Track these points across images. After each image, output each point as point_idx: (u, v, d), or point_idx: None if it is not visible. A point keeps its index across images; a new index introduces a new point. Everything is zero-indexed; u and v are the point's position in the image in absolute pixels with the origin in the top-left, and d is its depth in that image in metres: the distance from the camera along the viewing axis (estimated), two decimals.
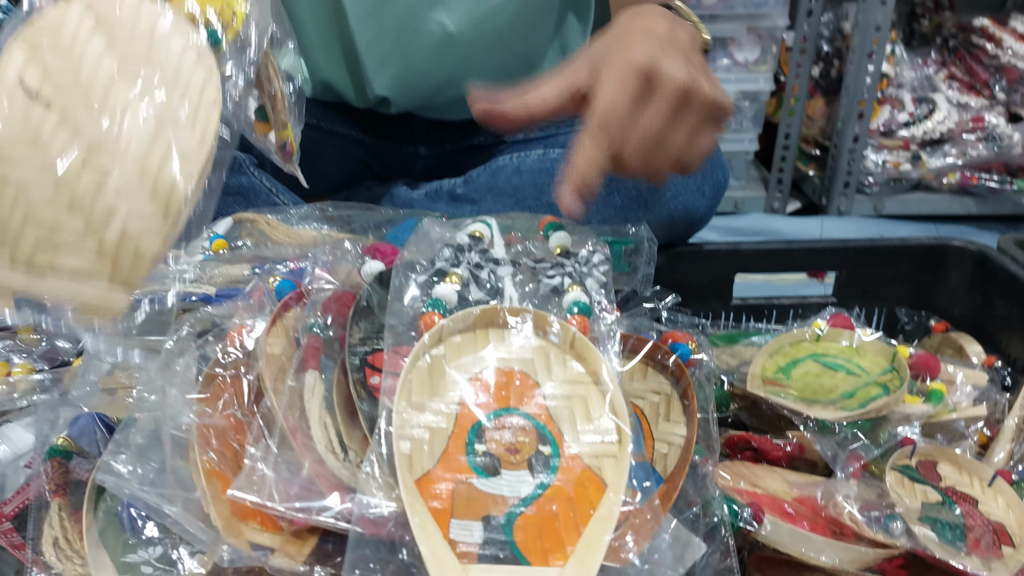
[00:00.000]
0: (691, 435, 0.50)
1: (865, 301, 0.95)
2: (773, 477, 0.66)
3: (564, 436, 0.43)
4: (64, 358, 0.80)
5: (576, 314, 0.49)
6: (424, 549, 0.37)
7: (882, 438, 0.68)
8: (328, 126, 1.06)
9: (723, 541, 0.47)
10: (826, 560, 0.55)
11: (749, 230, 1.71)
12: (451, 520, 0.39)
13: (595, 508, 0.40)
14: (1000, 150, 1.72)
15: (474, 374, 0.46)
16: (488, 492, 0.41)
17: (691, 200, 0.89)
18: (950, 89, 1.82)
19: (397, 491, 0.39)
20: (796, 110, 1.76)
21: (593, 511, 0.40)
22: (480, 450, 0.42)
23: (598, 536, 0.39)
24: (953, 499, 0.63)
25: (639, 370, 0.57)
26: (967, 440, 0.71)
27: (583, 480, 0.42)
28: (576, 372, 0.47)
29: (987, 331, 0.87)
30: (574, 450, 0.43)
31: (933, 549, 0.55)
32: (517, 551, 0.38)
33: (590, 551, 0.38)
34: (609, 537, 0.39)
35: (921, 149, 1.77)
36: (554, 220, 0.60)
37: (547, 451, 0.43)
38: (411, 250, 0.55)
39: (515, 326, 0.49)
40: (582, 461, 0.42)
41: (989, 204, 1.74)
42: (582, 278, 0.51)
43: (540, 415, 0.44)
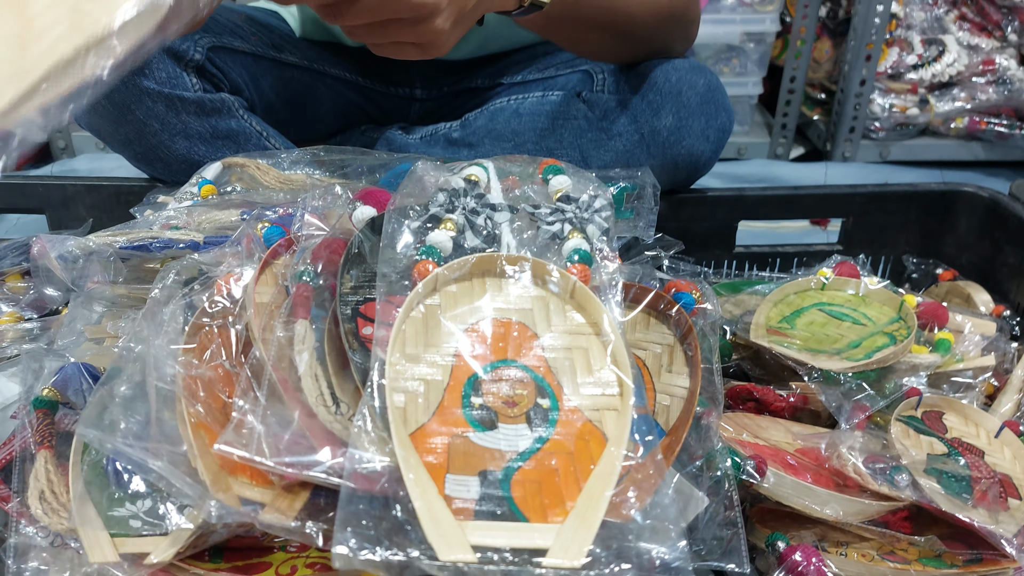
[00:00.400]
0: (694, 386, 0.49)
1: (871, 249, 0.93)
2: (776, 428, 0.65)
3: (564, 389, 0.42)
4: (52, 306, 0.79)
5: (577, 262, 0.47)
6: (419, 505, 0.36)
7: (888, 389, 0.67)
8: (321, 67, 1.03)
9: (727, 495, 0.46)
10: (829, 513, 0.54)
11: (752, 176, 1.68)
12: (447, 475, 0.38)
13: (595, 462, 0.39)
14: (1010, 94, 1.68)
15: (470, 324, 0.44)
16: (485, 446, 0.39)
17: (695, 144, 0.86)
18: (960, 31, 1.76)
19: (390, 445, 0.38)
20: (802, 52, 1.71)
21: (594, 466, 0.39)
22: (476, 403, 0.41)
23: (599, 491, 0.37)
24: (959, 450, 0.62)
25: (641, 320, 0.55)
26: (974, 390, 0.70)
27: (583, 434, 0.40)
28: (576, 323, 0.45)
29: (996, 279, 0.86)
30: (574, 403, 0.41)
31: (939, 502, 0.54)
32: (515, 507, 0.37)
33: (591, 507, 0.37)
34: (610, 492, 0.37)
35: (929, 93, 1.73)
36: (554, 163, 0.57)
37: (546, 404, 0.41)
38: (404, 195, 0.52)
39: (513, 275, 0.47)
40: (582, 414, 0.41)
41: (996, 150, 1.71)
42: (583, 224, 0.49)
43: (539, 367, 0.43)
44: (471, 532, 0.35)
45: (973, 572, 0.51)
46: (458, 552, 0.34)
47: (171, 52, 0.86)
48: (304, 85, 1.02)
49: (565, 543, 0.35)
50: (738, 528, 0.45)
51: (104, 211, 0.93)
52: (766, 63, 1.74)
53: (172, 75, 0.86)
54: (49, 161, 1.59)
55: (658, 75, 0.88)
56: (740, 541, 0.45)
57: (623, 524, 0.38)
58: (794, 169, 1.73)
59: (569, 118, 0.93)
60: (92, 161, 1.60)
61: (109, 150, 1.59)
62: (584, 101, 0.93)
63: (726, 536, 0.44)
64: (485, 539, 0.35)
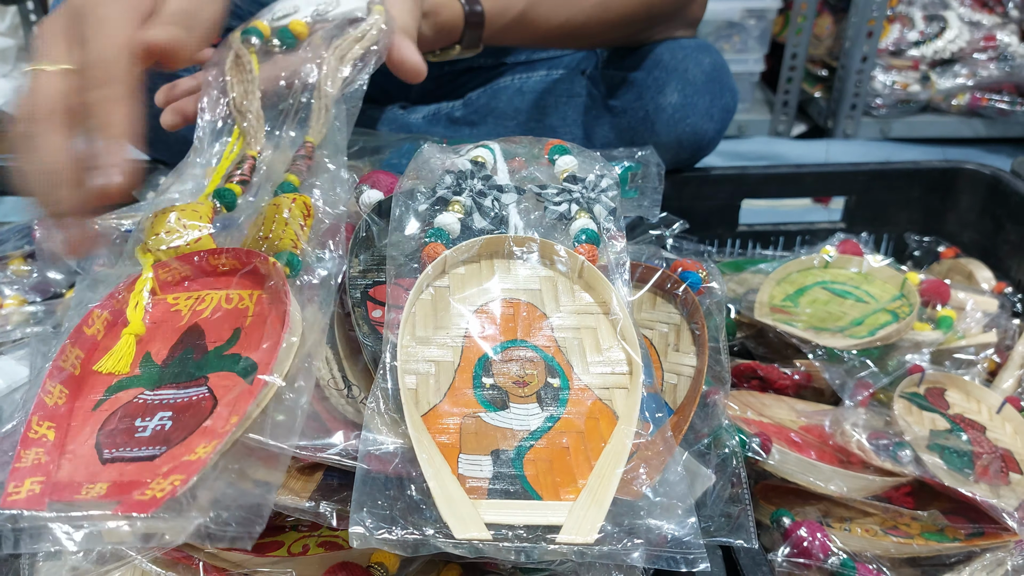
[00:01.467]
0: (702, 365, 0.49)
1: (874, 227, 0.93)
2: (780, 406, 0.65)
3: (574, 368, 0.42)
4: (56, 289, 0.79)
5: (584, 242, 0.47)
6: (433, 485, 0.36)
7: (890, 366, 0.67)
8: None
9: (735, 472, 0.46)
10: (834, 489, 0.55)
11: (753, 154, 1.67)
12: (459, 455, 0.38)
13: (606, 441, 0.39)
14: (1012, 70, 1.67)
15: (479, 306, 0.45)
16: (497, 426, 0.40)
17: (699, 123, 0.86)
18: (962, 7, 1.75)
19: (403, 427, 0.38)
20: (804, 28, 1.70)
21: (604, 444, 0.39)
22: (487, 383, 0.41)
23: (610, 469, 0.38)
24: (961, 426, 0.62)
25: (647, 299, 0.55)
26: (976, 367, 0.70)
27: (594, 412, 0.41)
28: (585, 302, 0.45)
29: (997, 256, 0.86)
30: (584, 382, 0.42)
31: (942, 477, 0.55)
32: (528, 485, 0.37)
33: (602, 484, 0.37)
34: (621, 470, 0.38)
35: (931, 69, 1.72)
36: (560, 143, 0.57)
37: (556, 383, 0.41)
38: (411, 177, 0.52)
39: (521, 256, 0.47)
40: (592, 393, 0.41)
41: (998, 127, 1.70)
42: (590, 204, 0.49)
43: (548, 347, 0.43)
44: (485, 510, 0.36)
45: (975, 546, 0.52)
46: (472, 530, 0.35)
47: None
48: None
49: (577, 520, 0.36)
50: (746, 505, 0.45)
51: None
52: (767, 40, 1.73)
53: None
54: None
55: (663, 53, 0.88)
56: (748, 518, 0.45)
57: (634, 501, 0.38)
58: (795, 146, 1.73)
59: (573, 95, 0.93)
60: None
61: None
62: (588, 78, 0.93)
63: (734, 513, 0.45)
64: (499, 517, 0.36)
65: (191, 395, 0.39)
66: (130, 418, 0.39)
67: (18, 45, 1.54)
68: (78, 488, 0.36)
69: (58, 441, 0.38)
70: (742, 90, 1.74)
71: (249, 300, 0.44)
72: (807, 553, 0.50)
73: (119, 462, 0.37)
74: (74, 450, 0.38)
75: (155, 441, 0.37)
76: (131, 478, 0.36)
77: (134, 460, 0.37)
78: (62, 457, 0.38)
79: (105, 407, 0.40)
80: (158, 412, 0.39)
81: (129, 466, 0.37)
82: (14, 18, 1.50)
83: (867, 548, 0.52)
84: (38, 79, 0.44)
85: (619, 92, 0.89)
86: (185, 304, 0.45)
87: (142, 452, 0.37)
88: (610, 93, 0.90)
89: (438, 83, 1.06)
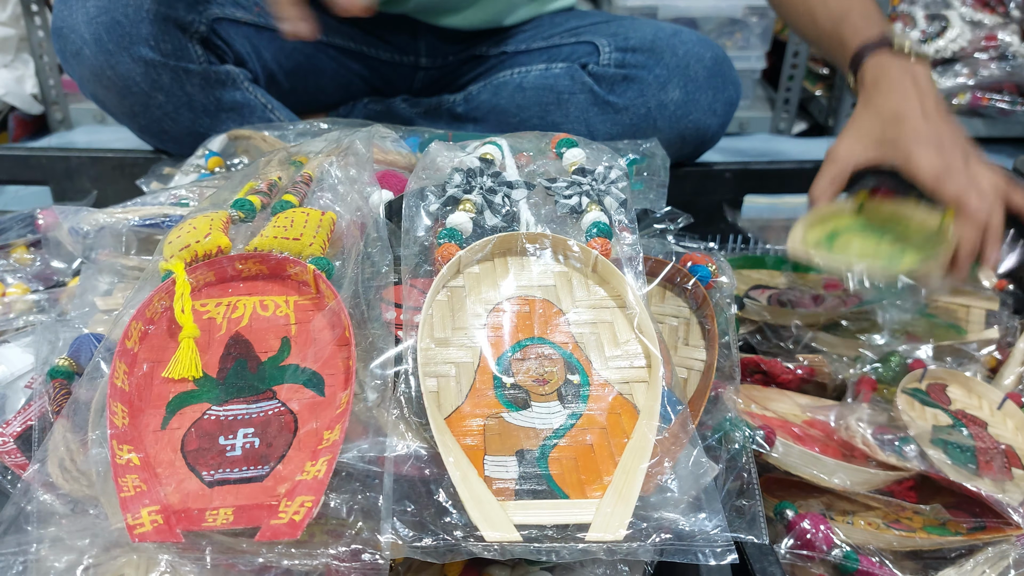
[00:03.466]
0: (712, 359, 0.49)
1: None
2: (783, 400, 0.65)
3: (592, 363, 0.42)
4: (59, 278, 0.79)
5: (597, 236, 0.47)
6: (461, 488, 0.36)
7: (893, 362, 0.68)
8: (324, 37, 1.02)
9: (745, 468, 0.46)
10: (837, 482, 0.55)
11: (754, 151, 1.68)
12: (485, 457, 0.38)
13: (629, 436, 0.39)
14: (1013, 70, 1.67)
15: (495, 305, 0.45)
16: (520, 426, 0.40)
17: (703, 118, 0.86)
18: (964, 6, 1.75)
19: (428, 431, 0.38)
20: None
21: (627, 439, 0.39)
22: (508, 383, 0.41)
23: (634, 465, 0.38)
24: (963, 422, 0.62)
25: (657, 293, 0.55)
26: (977, 363, 0.70)
27: (615, 407, 0.41)
28: (600, 296, 0.45)
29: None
30: (604, 377, 0.42)
31: (946, 472, 0.55)
32: (554, 484, 0.38)
33: (627, 480, 0.37)
34: (646, 465, 0.38)
35: (932, 68, 1.72)
36: (567, 136, 0.57)
37: (576, 380, 0.42)
38: (419, 177, 0.52)
39: (534, 252, 0.47)
40: (613, 388, 0.41)
41: (999, 126, 1.70)
42: (600, 197, 0.49)
43: (567, 343, 0.43)
44: (513, 512, 0.36)
45: (977, 539, 0.52)
46: (503, 531, 0.35)
47: (176, 23, 0.85)
48: (306, 56, 1.02)
49: (605, 518, 0.36)
50: (756, 500, 0.45)
51: (108, 182, 0.93)
52: (769, 37, 1.72)
53: (178, 47, 0.86)
54: (47, 133, 1.58)
55: (665, 49, 0.88)
56: (758, 513, 0.45)
57: (658, 494, 0.38)
58: (796, 144, 1.73)
59: (575, 92, 0.93)
60: (90, 133, 1.58)
61: (107, 122, 1.58)
62: (590, 74, 0.93)
63: (743, 507, 0.45)
64: (528, 517, 0.36)
65: (265, 410, 0.39)
66: (210, 436, 0.39)
67: (19, 35, 1.53)
68: (201, 516, 0.36)
69: (145, 465, 0.38)
70: (744, 87, 1.74)
71: (287, 307, 0.44)
72: (810, 545, 0.50)
73: (227, 484, 0.37)
74: (167, 474, 0.38)
75: (252, 461, 0.38)
76: (251, 501, 0.36)
77: (242, 482, 0.37)
78: (158, 482, 0.38)
79: (174, 425, 0.40)
80: (239, 429, 0.39)
81: (242, 489, 0.37)
82: (15, 8, 1.49)
83: (870, 541, 0.52)
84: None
85: (621, 89, 0.89)
86: (217, 311, 0.45)
87: (246, 473, 0.37)
88: (612, 90, 0.90)
89: (440, 72, 1.06)
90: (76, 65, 0.85)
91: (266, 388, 0.41)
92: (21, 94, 1.52)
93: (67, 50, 0.84)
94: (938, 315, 0.77)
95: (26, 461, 0.50)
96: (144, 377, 0.42)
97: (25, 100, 1.53)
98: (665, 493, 0.38)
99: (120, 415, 0.40)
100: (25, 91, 1.53)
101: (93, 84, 0.86)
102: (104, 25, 0.81)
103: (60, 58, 0.87)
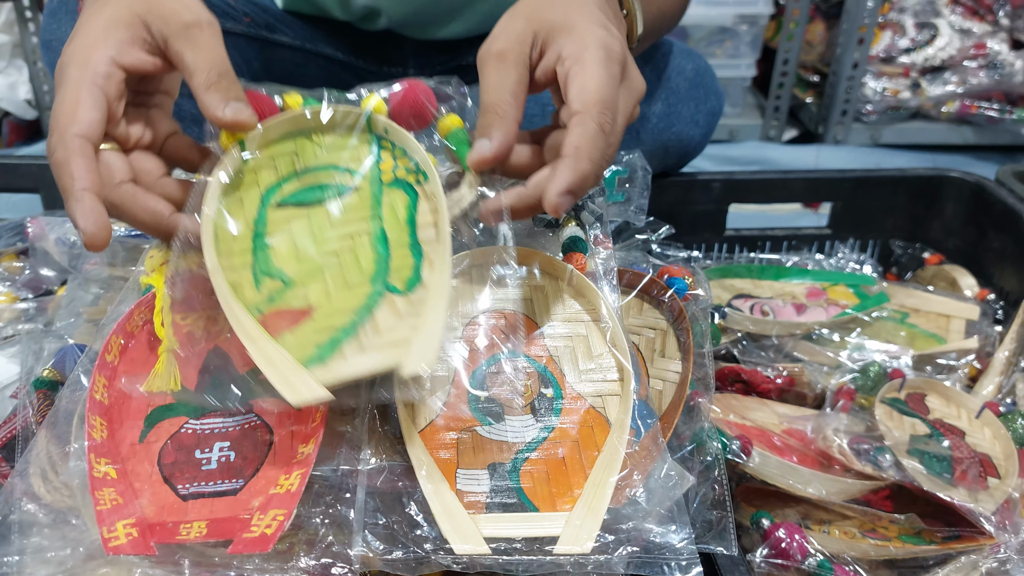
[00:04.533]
0: (687, 372, 0.50)
1: (860, 233, 0.94)
2: (763, 410, 0.66)
3: (566, 377, 0.43)
4: (48, 287, 0.79)
5: (572, 250, 0.47)
6: (432, 501, 0.37)
7: (872, 371, 0.68)
8: (313, 47, 1.03)
9: (717, 479, 0.47)
10: (813, 492, 0.56)
11: (744, 159, 1.68)
12: (457, 470, 0.39)
13: (600, 449, 0.40)
14: (1001, 78, 1.68)
15: (471, 318, 0.45)
16: (493, 439, 0.40)
17: (685, 129, 0.87)
18: (953, 14, 1.77)
19: (401, 444, 0.39)
20: (796, 34, 1.71)
21: (598, 452, 0.40)
22: (483, 397, 0.42)
23: (604, 478, 0.38)
24: (941, 431, 0.63)
25: (634, 305, 0.56)
26: (957, 373, 0.71)
27: (587, 420, 0.41)
28: (575, 310, 0.46)
29: (981, 264, 0.87)
30: (577, 390, 0.42)
31: (920, 481, 0.55)
32: (525, 497, 0.38)
33: (596, 494, 0.38)
34: (615, 478, 0.38)
35: (921, 76, 1.73)
36: None
37: (550, 393, 0.42)
38: None
39: (510, 266, 0.48)
40: (586, 401, 0.42)
41: (987, 134, 1.71)
42: (576, 211, 0.50)
43: (541, 357, 0.44)
44: (484, 525, 0.37)
45: (951, 549, 0.53)
46: (472, 544, 0.36)
47: None
48: (295, 65, 1.02)
49: (574, 531, 0.37)
50: (727, 512, 0.46)
51: None
52: (759, 45, 1.74)
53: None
54: (41, 139, 1.59)
55: (645, 62, 0.88)
56: (729, 524, 0.46)
57: (627, 508, 0.39)
58: (786, 151, 1.74)
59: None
60: None
61: None
62: None
63: (714, 519, 0.46)
64: (497, 531, 0.36)
65: (242, 423, 0.40)
66: (187, 450, 0.39)
67: (12, 42, 1.54)
68: (175, 529, 0.36)
69: (122, 478, 0.39)
70: (734, 95, 1.75)
71: None
72: (785, 554, 0.51)
73: (201, 498, 0.37)
74: (144, 488, 0.38)
75: (227, 474, 0.38)
76: (224, 515, 0.36)
77: (216, 495, 0.37)
78: (134, 495, 0.38)
79: (151, 438, 0.40)
80: (215, 442, 0.40)
81: (216, 502, 0.37)
82: (9, 14, 1.50)
83: (845, 550, 0.53)
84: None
85: None
86: (197, 325, 0.45)
87: (220, 486, 0.38)
88: None
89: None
90: None
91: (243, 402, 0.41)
92: (15, 100, 1.52)
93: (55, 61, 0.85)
94: (919, 325, 0.78)
95: (9, 470, 0.51)
96: (123, 390, 0.43)
97: (19, 106, 1.53)
98: (635, 506, 0.38)
99: (99, 428, 0.40)
100: (19, 97, 1.53)
101: None
102: None
103: (50, 70, 0.88)
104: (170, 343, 0.44)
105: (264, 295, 0.40)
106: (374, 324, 0.38)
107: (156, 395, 0.43)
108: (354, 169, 0.44)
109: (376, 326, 0.38)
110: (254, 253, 0.41)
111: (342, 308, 0.39)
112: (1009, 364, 0.71)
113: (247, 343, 0.37)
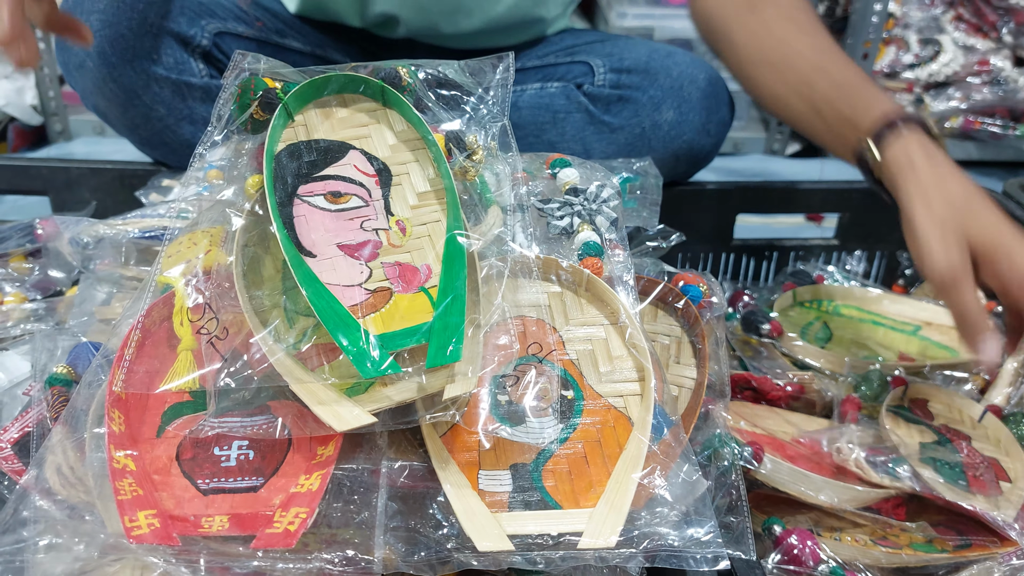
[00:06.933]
0: (702, 378, 0.50)
1: (866, 244, 0.94)
2: (773, 417, 0.66)
3: (586, 379, 0.43)
4: (57, 287, 0.79)
5: (588, 255, 0.48)
6: (454, 500, 0.37)
7: (874, 379, 0.68)
8: (323, 53, 1.03)
9: (734, 485, 0.47)
10: (824, 499, 0.56)
11: (748, 171, 1.69)
12: (479, 472, 0.39)
13: (623, 447, 0.40)
14: (1005, 94, 1.69)
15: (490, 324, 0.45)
16: (515, 441, 0.40)
17: (696, 138, 0.87)
18: (957, 31, 1.78)
19: (423, 447, 0.39)
20: None
21: (621, 449, 0.40)
22: (503, 400, 0.42)
23: (627, 474, 0.38)
24: (948, 436, 0.63)
25: (649, 312, 0.56)
26: (967, 383, 0.71)
27: (609, 420, 0.42)
28: (592, 314, 0.46)
29: None
30: (598, 391, 0.43)
31: (941, 491, 0.55)
32: (548, 496, 0.38)
33: (619, 490, 0.38)
34: (638, 475, 0.38)
35: (925, 92, 1.74)
36: (561, 157, 0.58)
37: (570, 395, 0.42)
38: None
39: (527, 273, 0.48)
40: (607, 401, 0.42)
41: (990, 150, 1.72)
42: (591, 216, 0.50)
43: (562, 360, 0.44)
44: (506, 522, 0.37)
45: (963, 557, 0.53)
46: (495, 542, 0.36)
47: (179, 38, 0.87)
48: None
49: (598, 525, 0.37)
50: (744, 516, 0.46)
51: (107, 193, 0.94)
52: None
53: (180, 61, 0.87)
54: (46, 144, 1.59)
55: (659, 70, 0.89)
56: (747, 530, 0.46)
57: (652, 504, 0.39)
58: (790, 165, 1.75)
59: (571, 111, 0.94)
60: (89, 145, 1.59)
61: (106, 134, 1.59)
62: (585, 94, 0.94)
63: (732, 524, 0.46)
64: (520, 528, 0.37)
65: (259, 423, 0.40)
66: (205, 446, 0.40)
67: None
68: (197, 521, 0.37)
69: (141, 470, 0.39)
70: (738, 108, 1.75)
71: None
72: (797, 560, 0.50)
73: (222, 492, 0.38)
74: (163, 480, 0.39)
75: (247, 472, 0.38)
76: (246, 510, 0.37)
77: (237, 491, 0.38)
78: (153, 487, 0.38)
79: (169, 434, 0.41)
80: (233, 441, 0.40)
81: (237, 497, 0.37)
82: None
83: (857, 557, 0.52)
84: None
85: (616, 109, 0.91)
86: (211, 325, 0.45)
87: (241, 483, 0.38)
88: (608, 110, 0.92)
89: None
90: (79, 77, 0.86)
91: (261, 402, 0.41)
92: (21, 105, 1.53)
93: (70, 63, 0.85)
94: (931, 337, 0.78)
95: (23, 467, 0.51)
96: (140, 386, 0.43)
97: (25, 111, 1.54)
98: (658, 503, 0.38)
99: (117, 421, 0.40)
100: (25, 102, 1.54)
101: (95, 96, 0.87)
102: (108, 39, 0.83)
103: (63, 70, 0.88)
104: (189, 342, 0.44)
105: (297, 332, 0.41)
106: (412, 349, 0.39)
107: (173, 392, 0.43)
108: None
109: (414, 351, 0.39)
110: (284, 293, 0.43)
111: None
112: (1017, 375, 0.71)
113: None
